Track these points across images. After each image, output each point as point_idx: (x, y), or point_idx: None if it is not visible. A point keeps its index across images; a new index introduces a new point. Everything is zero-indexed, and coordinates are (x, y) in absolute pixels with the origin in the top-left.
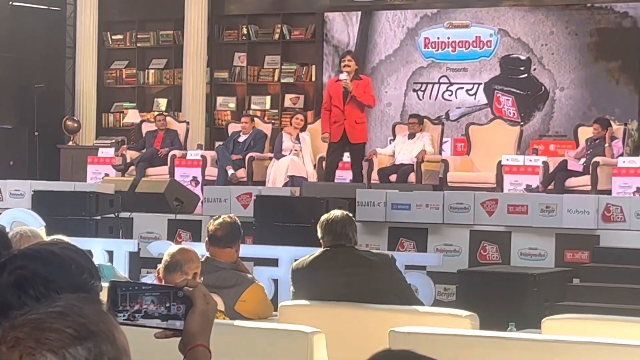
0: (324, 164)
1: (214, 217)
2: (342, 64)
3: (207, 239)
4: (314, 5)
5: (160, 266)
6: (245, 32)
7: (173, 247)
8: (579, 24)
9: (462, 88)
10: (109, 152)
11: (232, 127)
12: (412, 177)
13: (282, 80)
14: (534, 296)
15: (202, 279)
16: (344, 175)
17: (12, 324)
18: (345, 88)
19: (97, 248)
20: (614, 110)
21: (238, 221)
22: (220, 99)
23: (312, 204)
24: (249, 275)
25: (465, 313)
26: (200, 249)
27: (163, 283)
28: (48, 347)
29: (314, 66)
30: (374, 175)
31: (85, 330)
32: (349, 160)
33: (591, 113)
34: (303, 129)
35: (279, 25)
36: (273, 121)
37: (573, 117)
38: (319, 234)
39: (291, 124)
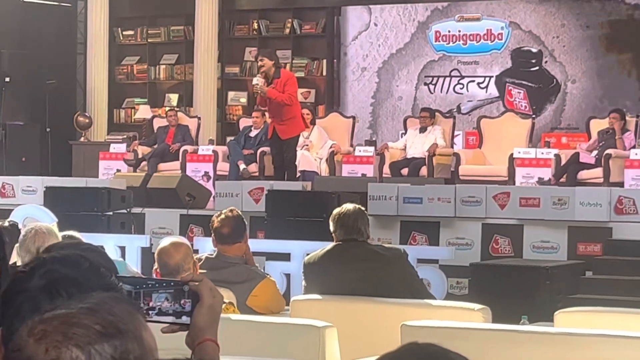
0: (335, 158)
1: (216, 214)
2: (258, 65)
3: (213, 235)
4: (324, 0)
5: (157, 267)
6: (256, 27)
7: (164, 248)
8: (590, 16)
9: (474, 81)
10: (121, 147)
11: (244, 122)
12: (423, 171)
13: None
14: (546, 289)
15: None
16: (355, 170)
17: (42, 318)
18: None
19: (109, 244)
20: (625, 102)
21: (240, 214)
22: (231, 94)
23: (323, 198)
24: (261, 270)
25: (477, 306)
26: (211, 245)
27: None
28: (74, 342)
29: (324, 60)
30: (386, 169)
31: (113, 327)
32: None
33: (603, 105)
34: (312, 123)
35: (290, 20)
36: None
37: (585, 109)
38: (331, 228)
39: None
